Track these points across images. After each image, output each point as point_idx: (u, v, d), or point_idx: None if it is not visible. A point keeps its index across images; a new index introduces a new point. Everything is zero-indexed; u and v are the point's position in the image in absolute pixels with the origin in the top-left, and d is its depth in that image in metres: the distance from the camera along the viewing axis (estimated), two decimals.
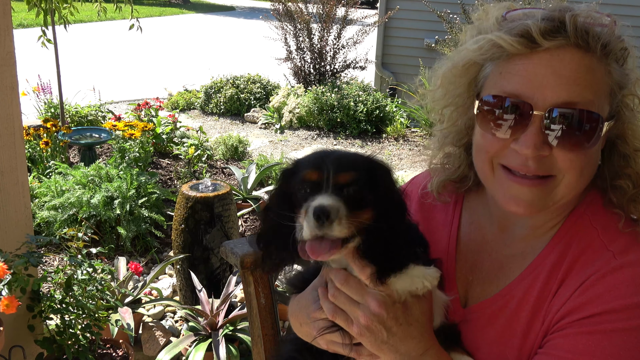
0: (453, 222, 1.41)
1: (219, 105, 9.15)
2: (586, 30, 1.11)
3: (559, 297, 1.16)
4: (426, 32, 9.51)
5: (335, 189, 1.07)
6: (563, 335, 1.13)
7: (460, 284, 1.35)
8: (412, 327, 1.15)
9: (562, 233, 1.23)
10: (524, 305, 1.21)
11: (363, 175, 1.11)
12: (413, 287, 1.12)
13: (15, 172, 2.63)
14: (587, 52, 1.11)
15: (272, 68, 10.13)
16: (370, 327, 1.13)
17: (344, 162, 1.11)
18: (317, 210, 1.03)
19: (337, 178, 1.08)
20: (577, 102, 1.10)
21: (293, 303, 1.38)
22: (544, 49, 1.10)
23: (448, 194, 1.43)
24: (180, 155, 6.46)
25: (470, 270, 1.35)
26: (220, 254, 1.93)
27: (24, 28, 15.98)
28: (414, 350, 1.16)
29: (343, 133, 8.17)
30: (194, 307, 3.59)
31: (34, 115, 7.42)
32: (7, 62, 2.52)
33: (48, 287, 3.45)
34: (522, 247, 1.28)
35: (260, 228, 1.25)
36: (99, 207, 4.43)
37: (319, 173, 1.09)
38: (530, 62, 1.12)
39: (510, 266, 1.27)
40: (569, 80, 1.09)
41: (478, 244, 1.36)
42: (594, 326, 1.10)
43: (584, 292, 1.13)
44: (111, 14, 7.11)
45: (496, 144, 1.18)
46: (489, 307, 1.27)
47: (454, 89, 1.28)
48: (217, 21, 24.82)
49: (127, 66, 13.46)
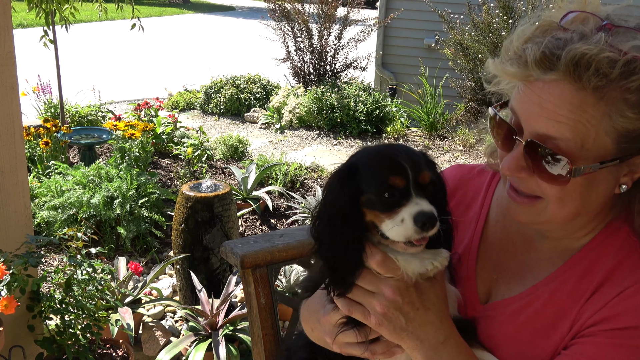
0: (479, 221, 1.41)
1: (219, 105, 9.16)
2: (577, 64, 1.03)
3: (592, 302, 1.15)
4: (426, 32, 9.52)
5: (420, 190, 1.09)
6: (592, 342, 1.12)
7: (481, 281, 1.34)
8: (430, 311, 1.15)
9: (598, 241, 1.22)
10: (549, 307, 1.20)
11: (434, 171, 1.16)
12: (423, 269, 1.12)
13: (15, 172, 2.63)
14: (581, 90, 1.05)
15: (272, 68, 10.14)
16: (387, 315, 1.13)
17: (419, 161, 1.13)
18: (424, 217, 1.06)
19: (420, 178, 1.10)
20: (555, 138, 1.08)
21: (304, 308, 1.37)
22: (539, 79, 1.09)
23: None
24: (180, 155, 6.46)
25: (494, 268, 1.34)
26: (220, 254, 1.93)
27: (24, 28, 15.99)
28: (433, 336, 1.15)
29: (343, 133, 8.17)
30: (194, 307, 3.59)
31: (34, 115, 7.42)
32: (7, 62, 2.52)
33: (48, 287, 3.45)
34: (550, 251, 1.28)
35: (319, 241, 1.17)
36: (99, 207, 4.43)
37: (403, 175, 1.09)
38: (531, 86, 1.11)
39: (538, 268, 1.27)
40: (549, 115, 1.07)
41: (504, 243, 1.36)
42: (626, 339, 1.09)
43: (621, 302, 1.12)
44: (112, 14, 7.12)
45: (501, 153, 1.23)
46: (512, 304, 1.26)
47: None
48: (217, 21, 24.83)
49: (127, 66, 13.46)
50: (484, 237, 1.39)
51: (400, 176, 1.09)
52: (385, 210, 1.09)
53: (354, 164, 1.15)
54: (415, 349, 1.15)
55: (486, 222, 1.41)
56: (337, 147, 7.76)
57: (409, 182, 1.08)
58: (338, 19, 9.21)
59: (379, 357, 1.22)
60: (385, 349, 1.19)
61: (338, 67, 9.50)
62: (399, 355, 1.22)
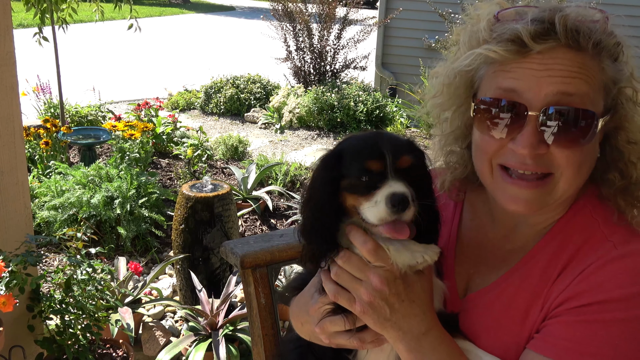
0: (454, 220, 1.43)
1: (219, 105, 9.16)
2: (577, 30, 1.12)
3: (558, 283, 1.17)
4: (426, 32, 9.52)
5: (397, 174, 1.11)
6: (560, 322, 1.14)
7: (460, 277, 1.36)
8: (415, 304, 1.16)
9: (563, 223, 1.24)
10: (521, 292, 1.22)
11: (416, 157, 1.17)
12: (413, 261, 1.14)
13: (15, 172, 2.63)
14: (579, 52, 1.12)
15: (272, 68, 10.14)
16: (373, 304, 1.15)
17: (400, 145, 1.16)
18: (395, 198, 1.08)
19: (398, 163, 1.12)
20: (572, 93, 1.11)
21: (293, 304, 1.39)
22: (536, 51, 1.12)
23: (456, 192, 1.45)
24: (180, 155, 6.46)
25: (472, 264, 1.36)
26: (220, 254, 1.93)
27: (23, 28, 15.97)
28: (416, 328, 1.17)
29: (343, 133, 8.17)
30: (194, 307, 3.59)
31: (34, 115, 7.42)
32: (7, 62, 2.52)
33: (48, 287, 3.45)
34: (523, 241, 1.29)
35: (302, 221, 1.23)
36: (99, 207, 4.43)
37: (381, 159, 1.12)
38: (523, 62, 1.14)
39: (511, 258, 1.29)
40: (562, 74, 1.11)
41: (480, 240, 1.38)
42: (591, 315, 1.11)
43: (584, 279, 1.14)
44: (111, 14, 7.12)
45: (494, 144, 1.20)
46: (486, 295, 1.28)
47: (452, 93, 1.30)
48: (217, 21, 24.83)
49: (127, 66, 13.46)
50: (460, 235, 1.42)
51: (378, 160, 1.12)
52: (363, 193, 1.12)
53: (339, 151, 1.19)
54: (398, 339, 1.17)
55: (460, 221, 1.43)
56: None
57: (386, 166, 1.12)
58: (338, 19, 9.21)
59: (367, 346, 1.23)
60: (373, 337, 1.20)
61: (338, 67, 9.50)
62: (386, 345, 1.23)
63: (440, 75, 1.32)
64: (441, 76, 1.31)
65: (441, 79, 1.31)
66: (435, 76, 1.34)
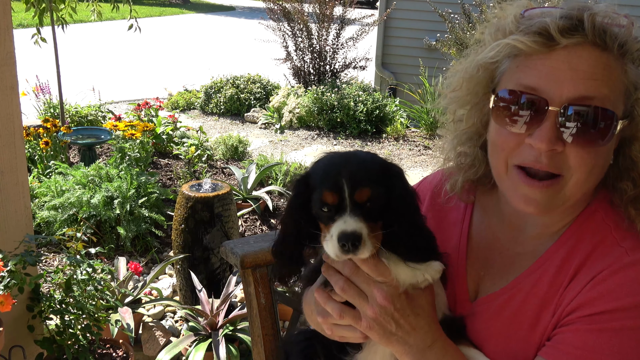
0: (464, 221, 1.43)
1: (219, 105, 9.15)
2: (604, 30, 1.12)
3: (570, 290, 1.17)
4: (426, 31, 9.51)
5: (354, 207, 1.09)
6: (572, 330, 1.14)
7: (471, 279, 1.36)
8: (419, 317, 1.17)
9: (574, 229, 1.23)
10: (531, 299, 1.22)
11: (380, 188, 1.12)
12: (414, 280, 1.14)
13: (15, 172, 2.63)
14: (604, 51, 1.12)
15: (272, 68, 10.13)
16: (378, 320, 1.15)
17: (360, 177, 1.11)
18: (344, 237, 1.05)
19: (356, 196, 1.09)
20: (593, 97, 1.10)
21: (308, 294, 1.40)
22: (562, 46, 1.12)
23: (467, 193, 1.44)
24: (180, 155, 6.46)
25: (482, 266, 1.36)
26: (220, 254, 1.93)
27: (23, 28, 15.95)
28: (422, 341, 1.17)
29: (343, 133, 8.17)
30: (194, 307, 3.59)
31: (34, 115, 7.41)
32: (7, 62, 2.52)
33: (48, 287, 3.45)
34: (533, 245, 1.29)
35: (276, 237, 1.26)
36: (99, 207, 4.43)
37: (337, 192, 1.09)
38: (547, 58, 1.13)
39: (521, 262, 1.28)
40: (585, 75, 1.11)
41: (489, 241, 1.38)
42: (603, 324, 1.11)
43: (595, 286, 1.13)
44: (111, 14, 7.12)
45: (511, 140, 1.19)
46: (496, 299, 1.28)
47: (472, 88, 1.29)
48: (217, 21, 24.82)
49: (127, 66, 13.46)
50: (471, 236, 1.41)
51: (335, 193, 1.09)
52: (324, 222, 1.13)
53: (307, 176, 1.19)
54: (404, 353, 1.18)
55: (471, 222, 1.43)
56: (337, 147, 7.75)
57: (343, 199, 1.08)
58: (336, 18, 9.20)
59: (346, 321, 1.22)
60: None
61: (338, 67, 9.49)
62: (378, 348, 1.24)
63: (459, 71, 1.31)
64: (460, 72, 1.30)
65: (461, 74, 1.30)
66: (453, 73, 1.33)
